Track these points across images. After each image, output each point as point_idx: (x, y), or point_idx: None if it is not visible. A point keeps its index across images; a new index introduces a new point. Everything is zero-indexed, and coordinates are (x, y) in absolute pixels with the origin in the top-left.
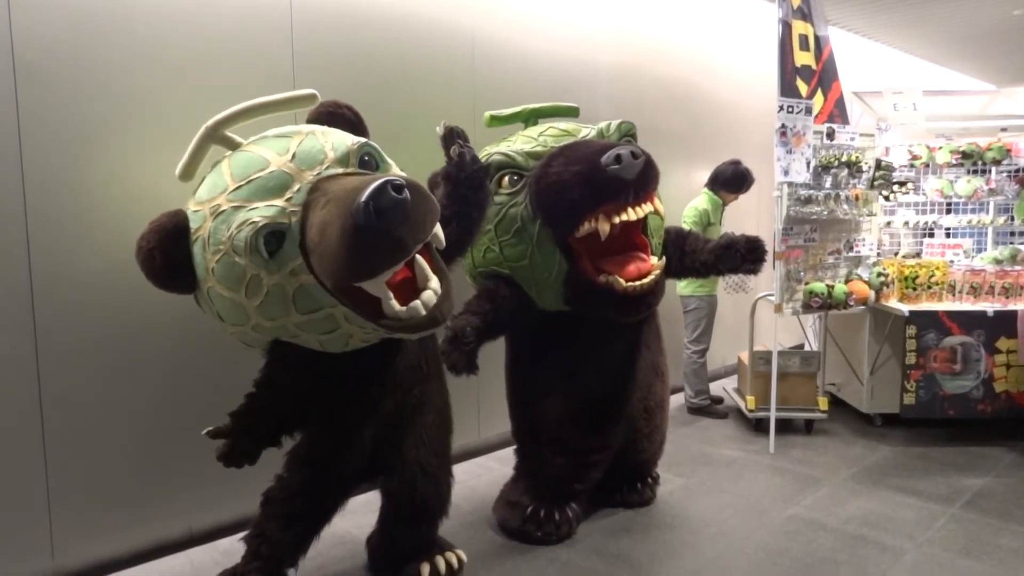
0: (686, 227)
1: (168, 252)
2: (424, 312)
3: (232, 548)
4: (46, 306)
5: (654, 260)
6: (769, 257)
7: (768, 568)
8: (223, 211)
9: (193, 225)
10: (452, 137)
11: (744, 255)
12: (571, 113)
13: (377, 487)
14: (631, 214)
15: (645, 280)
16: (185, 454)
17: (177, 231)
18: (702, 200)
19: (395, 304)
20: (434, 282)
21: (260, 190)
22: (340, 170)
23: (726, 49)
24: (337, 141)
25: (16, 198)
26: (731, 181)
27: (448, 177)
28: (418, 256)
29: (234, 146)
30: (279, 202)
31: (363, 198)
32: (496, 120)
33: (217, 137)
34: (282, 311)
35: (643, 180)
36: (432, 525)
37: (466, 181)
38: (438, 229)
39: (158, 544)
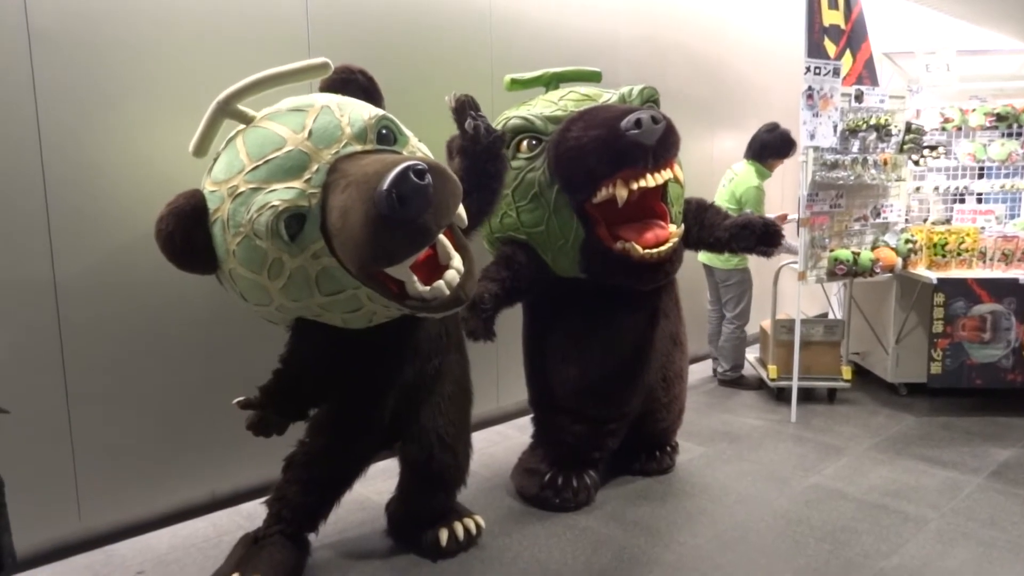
0: (748, 208)
1: (188, 234)
2: (448, 292)
3: (255, 512)
4: (68, 275)
5: (672, 228)
6: (794, 224)
7: (788, 536)
8: (241, 192)
9: (211, 206)
10: (464, 109)
11: (760, 237)
12: (593, 78)
13: (396, 454)
14: (650, 180)
15: (662, 248)
16: (209, 419)
17: (196, 213)
18: (752, 175)
19: (419, 285)
20: (456, 260)
21: (278, 171)
22: (358, 147)
23: (749, 14)
24: (354, 116)
25: (34, 166)
26: (782, 147)
27: (465, 152)
28: (440, 234)
29: (247, 120)
30: (298, 184)
31: (385, 185)
32: (517, 84)
33: (229, 111)
34: (305, 293)
35: (663, 146)
36: (449, 493)
37: (483, 154)
38: (460, 208)
39: (182, 508)
